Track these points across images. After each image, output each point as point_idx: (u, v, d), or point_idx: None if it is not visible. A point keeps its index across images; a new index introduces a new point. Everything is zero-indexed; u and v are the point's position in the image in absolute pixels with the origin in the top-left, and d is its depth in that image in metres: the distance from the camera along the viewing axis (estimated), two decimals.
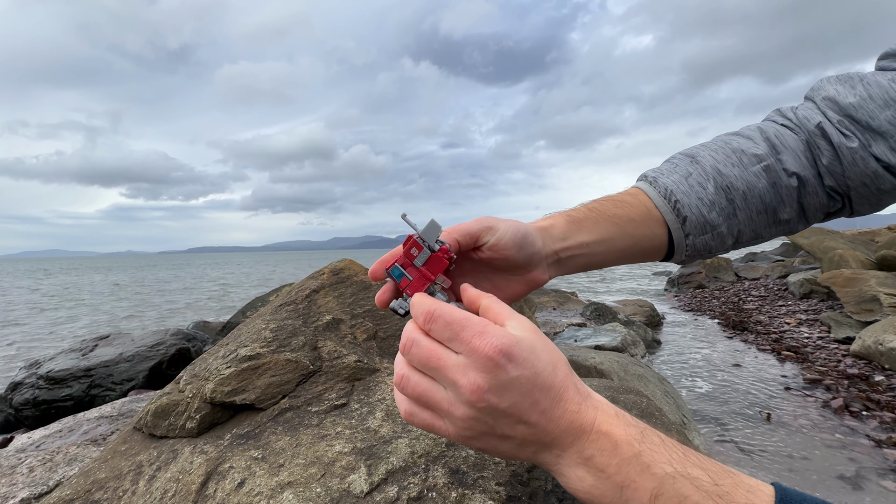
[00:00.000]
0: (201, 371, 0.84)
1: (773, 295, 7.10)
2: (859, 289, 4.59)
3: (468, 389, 0.34)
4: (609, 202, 0.54)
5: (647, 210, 0.54)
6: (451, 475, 0.56)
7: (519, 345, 0.34)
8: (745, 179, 0.54)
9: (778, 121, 0.58)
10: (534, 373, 0.34)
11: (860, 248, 6.33)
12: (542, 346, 0.36)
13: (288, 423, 0.71)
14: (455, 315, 0.36)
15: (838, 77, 0.55)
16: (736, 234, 0.56)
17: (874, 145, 0.50)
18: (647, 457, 0.32)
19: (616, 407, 0.36)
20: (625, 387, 1.18)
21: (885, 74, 0.51)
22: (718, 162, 0.55)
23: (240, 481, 0.61)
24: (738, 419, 2.84)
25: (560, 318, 4.94)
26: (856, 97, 0.51)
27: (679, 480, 0.30)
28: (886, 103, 0.49)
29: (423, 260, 0.41)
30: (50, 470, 1.24)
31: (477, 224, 0.46)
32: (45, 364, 3.40)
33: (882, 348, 3.46)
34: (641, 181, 0.57)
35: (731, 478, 0.30)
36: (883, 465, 2.21)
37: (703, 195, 0.53)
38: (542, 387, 0.34)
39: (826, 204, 0.56)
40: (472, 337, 0.34)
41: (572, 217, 0.52)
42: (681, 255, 0.56)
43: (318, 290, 1.05)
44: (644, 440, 0.33)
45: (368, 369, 0.84)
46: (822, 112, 0.54)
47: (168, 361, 3.52)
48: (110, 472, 0.77)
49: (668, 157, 0.59)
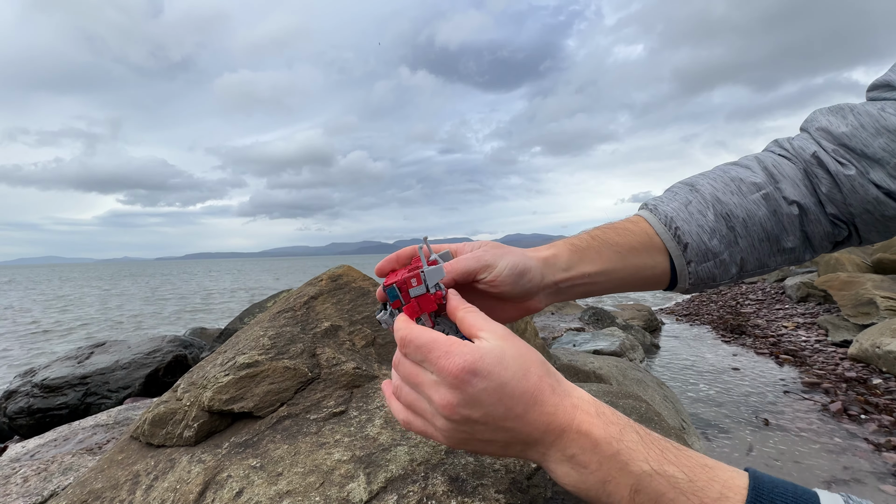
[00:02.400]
0: (199, 379, 0.84)
1: (770, 299, 7.12)
2: (856, 292, 4.61)
3: (441, 405, 0.37)
4: (612, 230, 0.54)
5: (649, 238, 0.54)
6: (450, 483, 0.55)
7: (483, 360, 0.36)
8: (744, 207, 0.54)
9: (775, 151, 0.59)
10: (501, 383, 0.36)
11: (856, 252, 6.37)
12: (511, 355, 0.37)
13: (286, 431, 0.71)
14: (423, 339, 0.39)
15: (830, 109, 0.56)
16: (739, 262, 0.56)
17: (872, 172, 0.51)
18: (625, 455, 0.33)
19: (598, 404, 0.37)
20: (624, 391, 1.18)
21: (875, 104, 0.52)
22: (717, 190, 0.55)
23: (238, 490, 0.60)
24: (737, 423, 2.84)
25: (558, 323, 4.94)
26: (847, 127, 0.52)
27: (655, 478, 0.31)
28: (878, 131, 0.50)
29: (418, 294, 0.44)
30: (45, 480, 1.23)
31: (476, 262, 0.48)
32: (40, 372, 3.37)
33: (879, 351, 3.47)
34: (642, 209, 0.58)
35: (706, 472, 0.31)
36: (882, 469, 2.21)
37: (703, 222, 0.54)
38: (511, 395, 0.36)
39: (831, 232, 0.56)
40: (439, 358, 0.37)
41: (575, 246, 0.53)
42: (684, 283, 0.56)
43: (317, 297, 1.05)
44: (623, 438, 0.34)
45: (367, 376, 0.83)
46: (816, 142, 0.55)
47: (165, 369, 3.49)
48: (107, 481, 0.76)
49: (669, 187, 0.60)
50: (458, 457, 0.60)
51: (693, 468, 0.31)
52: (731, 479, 0.30)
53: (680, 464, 0.32)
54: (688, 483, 0.30)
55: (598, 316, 5.14)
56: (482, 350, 0.37)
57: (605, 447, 0.34)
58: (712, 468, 0.31)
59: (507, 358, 0.37)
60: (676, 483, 0.31)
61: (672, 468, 0.32)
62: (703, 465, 0.32)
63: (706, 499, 0.30)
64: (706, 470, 0.31)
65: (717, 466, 0.32)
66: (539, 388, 0.37)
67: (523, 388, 0.36)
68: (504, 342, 0.38)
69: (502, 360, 0.36)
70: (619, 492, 0.33)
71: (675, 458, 0.32)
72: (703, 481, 0.30)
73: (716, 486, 0.30)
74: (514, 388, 0.36)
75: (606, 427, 0.35)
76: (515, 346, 0.38)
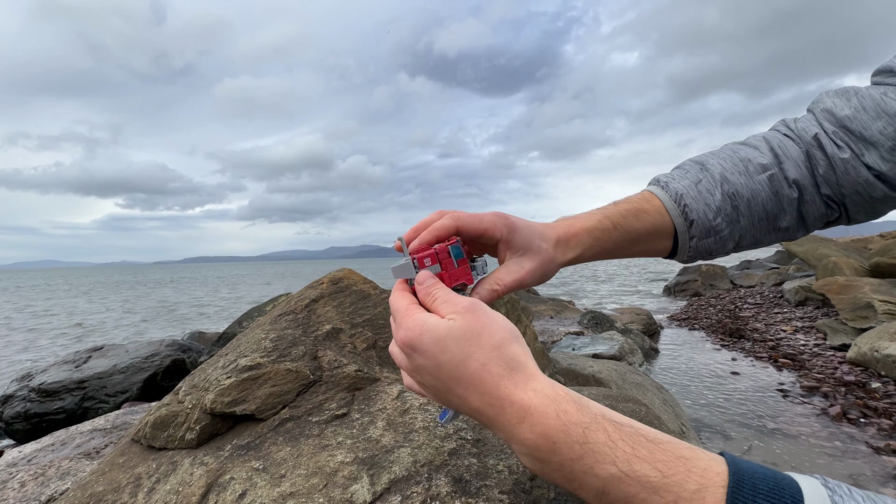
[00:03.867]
0: (201, 382, 0.84)
1: (768, 302, 7.13)
2: (854, 296, 4.63)
3: (399, 364, 0.43)
4: (633, 216, 0.56)
5: (661, 218, 0.57)
6: (454, 484, 0.55)
7: (421, 338, 0.38)
8: (750, 187, 0.56)
9: (781, 130, 0.61)
10: (436, 364, 0.38)
11: (854, 256, 6.40)
12: (455, 336, 0.37)
13: (289, 433, 0.71)
14: (393, 306, 0.43)
15: (836, 91, 0.58)
16: (737, 238, 0.59)
17: (866, 154, 0.53)
18: (589, 459, 0.31)
19: (561, 400, 0.34)
20: (623, 395, 1.18)
21: (879, 88, 0.54)
22: (726, 170, 0.57)
23: (241, 493, 0.60)
24: (737, 427, 2.84)
25: (557, 327, 4.93)
26: (850, 109, 0.54)
27: (624, 481, 0.30)
28: (878, 115, 0.52)
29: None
30: (42, 485, 1.22)
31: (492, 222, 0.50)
32: (37, 376, 3.35)
33: (878, 355, 3.48)
34: (653, 185, 0.60)
35: (682, 465, 0.29)
36: (882, 473, 2.20)
37: (710, 201, 0.56)
38: (448, 377, 0.37)
39: (825, 213, 0.58)
40: (396, 326, 0.42)
41: (597, 238, 0.55)
42: (683, 255, 0.59)
43: (318, 300, 1.05)
44: (587, 440, 0.32)
45: (369, 379, 0.84)
46: (819, 123, 0.57)
47: (163, 373, 3.48)
48: (108, 484, 0.76)
49: (679, 164, 0.63)
50: (462, 458, 0.61)
51: (668, 462, 0.30)
52: (708, 467, 0.29)
53: (654, 459, 0.30)
54: (662, 480, 0.29)
55: (597, 320, 5.15)
56: (425, 327, 0.38)
57: (566, 450, 0.32)
58: (689, 459, 0.30)
59: (447, 340, 0.37)
60: (648, 482, 0.29)
61: (644, 466, 0.30)
62: (680, 457, 0.30)
63: (683, 493, 0.28)
64: (682, 462, 0.30)
65: (694, 457, 0.30)
66: (479, 377, 0.36)
67: (459, 374, 0.36)
68: (457, 321, 0.38)
69: (441, 342, 0.37)
70: (585, 493, 0.32)
71: (649, 453, 0.30)
72: (680, 475, 0.29)
73: (693, 478, 0.28)
74: (451, 371, 0.37)
75: (567, 429, 0.32)
76: (467, 326, 0.37)
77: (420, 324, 0.39)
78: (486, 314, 0.39)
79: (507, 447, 0.64)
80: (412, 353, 0.39)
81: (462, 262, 0.46)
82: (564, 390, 0.35)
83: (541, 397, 0.34)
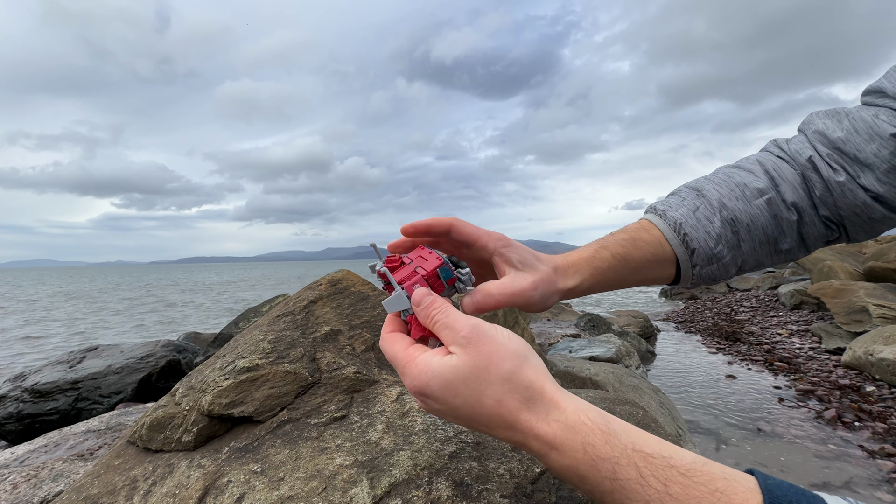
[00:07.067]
0: (198, 383, 0.83)
1: (764, 306, 7.17)
2: (848, 300, 4.66)
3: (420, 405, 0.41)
4: (631, 245, 0.55)
5: (661, 247, 0.56)
6: (454, 487, 0.55)
7: (429, 385, 0.36)
8: (748, 213, 0.56)
9: (774, 152, 0.60)
10: (451, 408, 0.36)
11: (848, 260, 6.44)
12: (463, 378, 0.35)
13: (287, 435, 0.70)
14: (390, 354, 0.41)
15: (826, 112, 0.58)
16: (739, 263, 0.58)
17: (863, 177, 0.53)
18: (619, 495, 0.30)
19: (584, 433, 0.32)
20: (620, 398, 1.18)
21: (869, 110, 0.53)
22: (723, 196, 0.57)
23: (239, 496, 0.60)
24: (733, 430, 2.85)
25: (554, 329, 4.94)
26: (843, 131, 0.54)
27: None
28: (871, 137, 0.51)
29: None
30: (35, 486, 1.21)
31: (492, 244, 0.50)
32: (30, 377, 3.32)
33: (872, 359, 3.50)
34: (651, 214, 0.59)
35: (717, 499, 0.28)
36: (877, 476, 2.22)
37: (709, 228, 0.55)
38: (467, 418, 0.36)
39: (824, 233, 0.58)
40: (400, 374, 0.40)
41: (597, 269, 0.53)
42: (686, 283, 0.59)
43: (316, 301, 1.05)
44: (617, 476, 0.31)
45: (368, 381, 0.83)
46: (812, 145, 0.57)
47: (158, 373, 3.45)
48: (103, 487, 0.75)
49: (674, 191, 0.62)
50: (463, 461, 0.60)
51: (702, 499, 0.28)
52: (744, 501, 0.27)
53: (687, 497, 0.28)
54: None
55: (594, 322, 5.15)
56: (430, 373, 0.36)
57: (596, 483, 0.31)
58: (724, 493, 0.28)
59: (455, 383, 0.35)
60: None
61: None
62: (714, 491, 0.28)
63: None
64: (716, 497, 0.28)
65: (729, 490, 0.28)
66: (497, 414, 0.35)
67: (477, 414, 0.35)
68: (460, 357, 0.36)
69: (450, 386, 0.35)
70: None
71: (682, 489, 0.29)
72: None
73: None
74: (468, 413, 0.36)
75: (595, 464, 0.31)
76: (473, 363, 0.36)
77: (424, 370, 0.37)
78: (489, 341, 0.36)
79: (508, 450, 0.64)
80: (425, 398, 0.38)
81: (451, 281, 0.45)
82: (589, 416, 0.33)
83: (564, 430, 0.33)
